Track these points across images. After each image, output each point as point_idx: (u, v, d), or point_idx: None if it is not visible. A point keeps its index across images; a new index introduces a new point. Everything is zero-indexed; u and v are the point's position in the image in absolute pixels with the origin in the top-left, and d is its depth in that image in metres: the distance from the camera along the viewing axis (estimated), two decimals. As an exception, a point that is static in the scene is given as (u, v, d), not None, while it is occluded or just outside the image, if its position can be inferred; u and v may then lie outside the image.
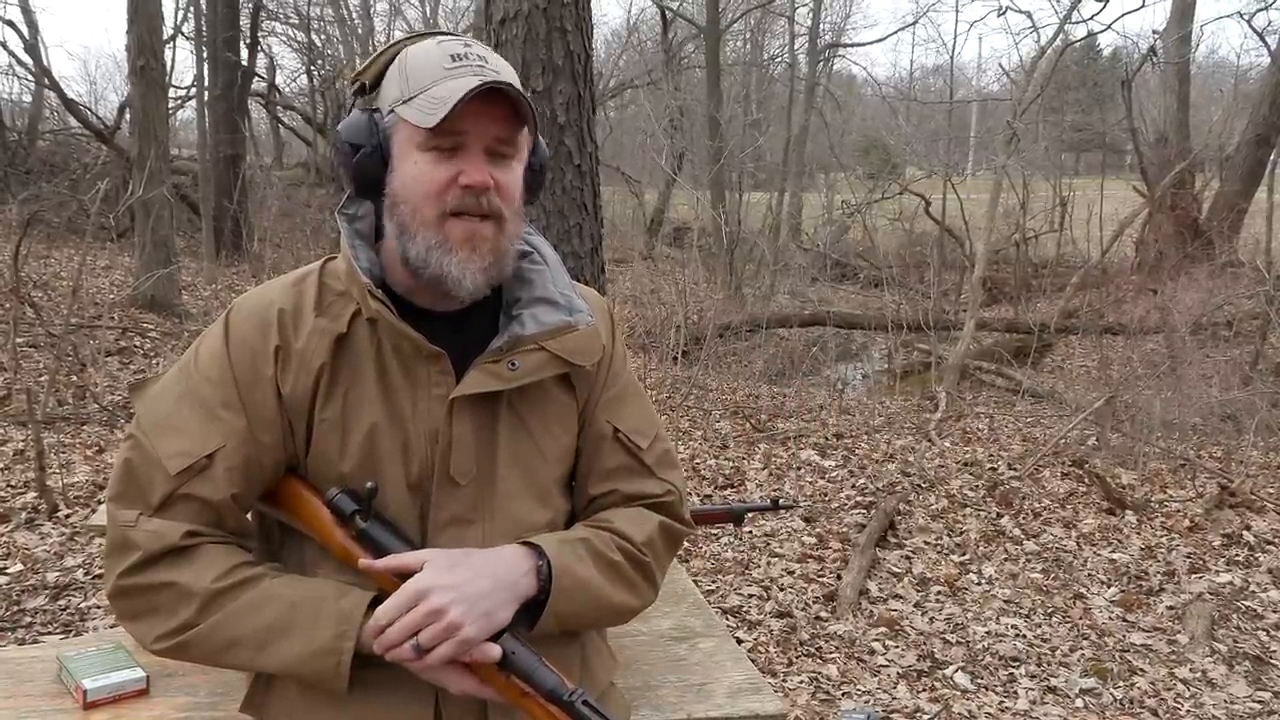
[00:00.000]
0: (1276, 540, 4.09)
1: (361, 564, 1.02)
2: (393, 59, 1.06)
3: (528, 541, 1.06)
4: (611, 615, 1.14)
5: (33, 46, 12.20)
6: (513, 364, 1.06)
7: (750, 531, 3.97)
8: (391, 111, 1.04)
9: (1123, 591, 3.58)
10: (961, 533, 4.11)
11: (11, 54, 12.77)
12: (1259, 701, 2.86)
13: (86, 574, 3.21)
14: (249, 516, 1.11)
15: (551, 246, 1.20)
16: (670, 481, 1.20)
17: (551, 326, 1.09)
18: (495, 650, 0.98)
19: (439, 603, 0.96)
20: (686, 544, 1.26)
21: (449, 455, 1.06)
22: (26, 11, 12.49)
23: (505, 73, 1.03)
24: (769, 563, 3.69)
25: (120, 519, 1.02)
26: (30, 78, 13.13)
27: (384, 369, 1.06)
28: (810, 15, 18.88)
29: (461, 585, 0.98)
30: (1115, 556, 3.90)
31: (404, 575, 1.00)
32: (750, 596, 3.40)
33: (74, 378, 5.60)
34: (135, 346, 6.77)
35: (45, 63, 12.47)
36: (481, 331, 1.09)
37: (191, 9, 12.56)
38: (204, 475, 1.02)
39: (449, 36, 1.06)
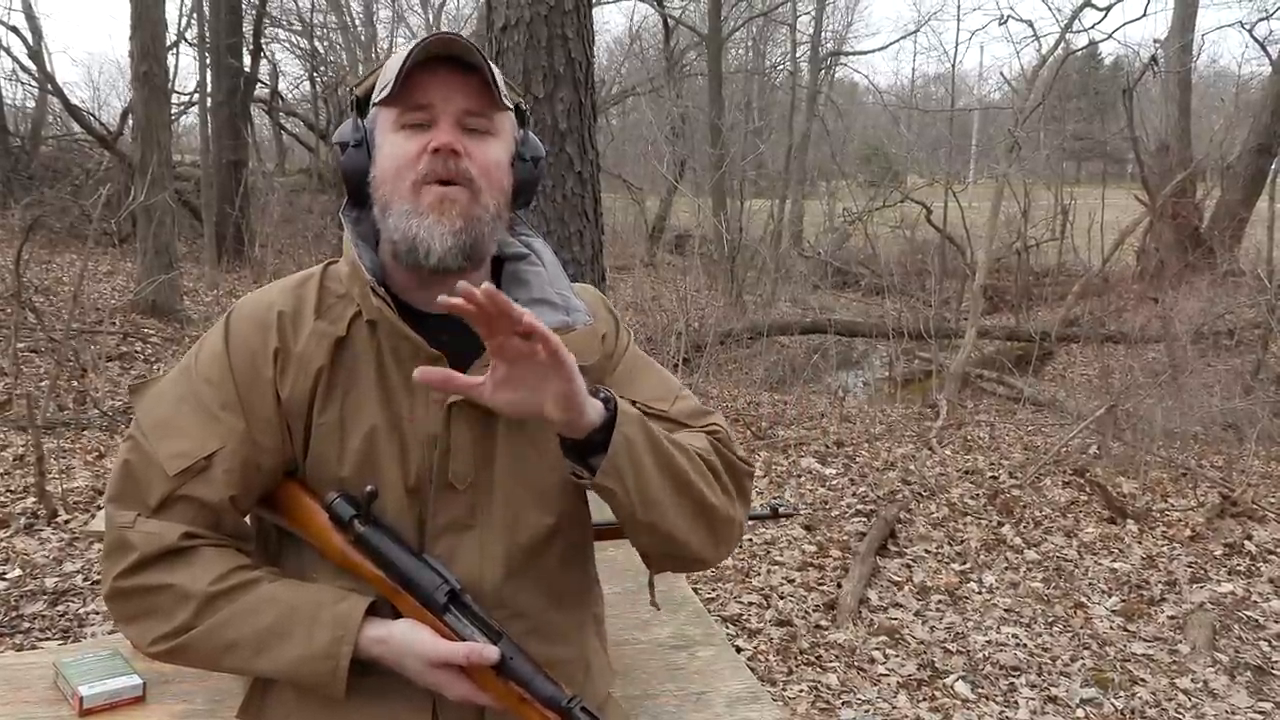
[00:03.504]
0: (1278, 550, 4.08)
1: (420, 372, 0.90)
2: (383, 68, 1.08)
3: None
4: (692, 499, 1.04)
5: (36, 52, 12.23)
6: (511, 366, 1.06)
7: (750, 539, 3.96)
8: (373, 105, 1.06)
9: (1124, 601, 3.57)
10: (962, 541, 4.10)
11: (15, 60, 12.82)
12: (1260, 712, 2.85)
13: (85, 579, 3.21)
14: (247, 520, 1.11)
15: (551, 249, 1.19)
16: (711, 423, 1.15)
17: (550, 327, 1.08)
18: (493, 652, 0.98)
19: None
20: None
21: (447, 460, 1.06)
22: (31, 18, 12.55)
23: (477, 54, 1.03)
24: (769, 571, 3.68)
25: (118, 520, 1.02)
26: (34, 83, 13.17)
27: (383, 372, 1.06)
28: (812, 23, 18.98)
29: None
30: (1116, 565, 3.89)
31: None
32: (750, 604, 3.39)
33: (75, 383, 5.60)
34: (136, 352, 6.77)
35: (49, 68, 12.51)
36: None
37: (195, 15, 12.61)
38: (202, 476, 1.01)
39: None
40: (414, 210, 1.02)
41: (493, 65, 1.05)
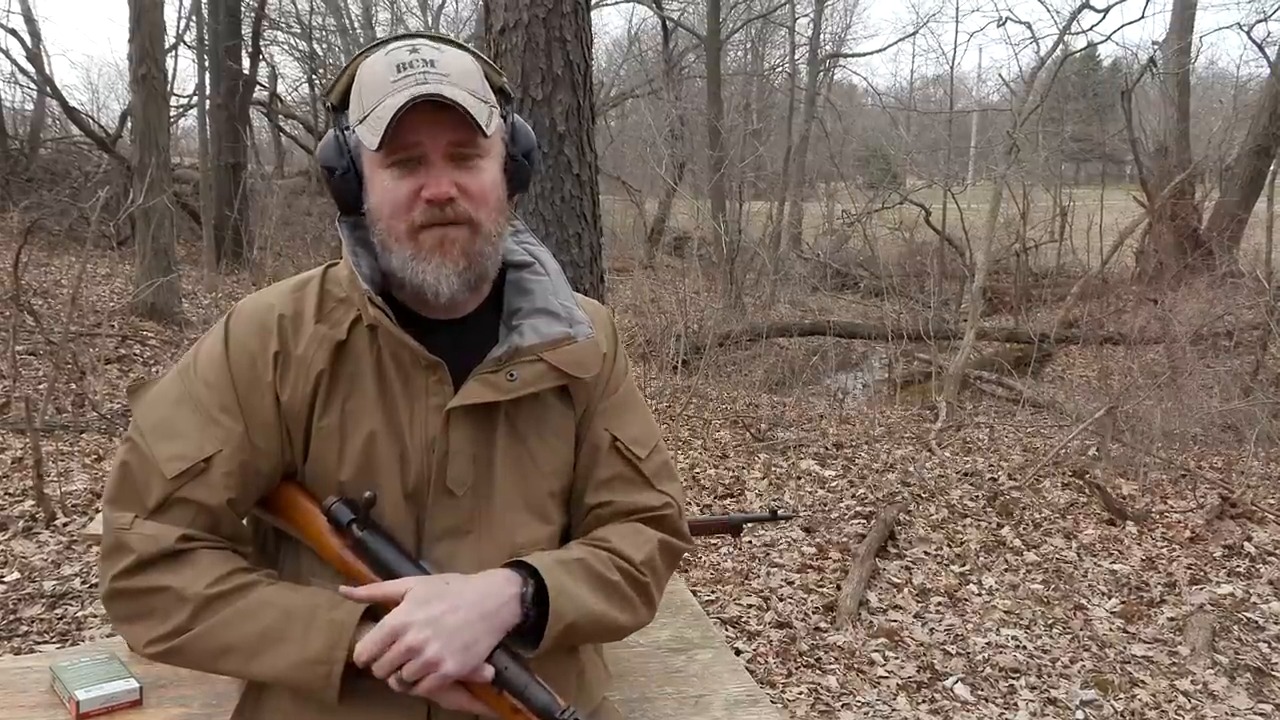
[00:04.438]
0: (1277, 551, 4.08)
1: (341, 590, 1.01)
2: (354, 76, 1.05)
3: (520, 561, 1.05)
4: (608, 634, 1.12)
5: (35, 55, 12.22)
6: (511, 375, 1.06)
7: (750, 541, 3.96)
8: (354, 130, 1.04)
9: (1123, 603, 3.57)
10: (961, 543, 4.10)
11: (14, 62, 12.81)
12: (1260, 714, 2.85)
13: (83, 583, 3.20)
14: (245, 523, 1.10)
15: (553, 257, 1.19)
16: (669, 494, 1.18)
17: (551, 338, 1.08)
18: (488, 670, 0.98)
19: (415, 640, 0.95)
20: (686, 555, 1.25)
21: (445, 466, 1.05)
22: (29, 20, 12.53)
23: (455, 74, 1.01)
24: (768, 573, 3.67)
25: (116, 521, 1.01)
26: (32, 86, 13.17)
27: (383, 377, 1.06)
28: (811, 25, 18.97)
29: (439, 619, 0.96)
30: (1116, 567, 3.89)
31: (388, 604, 1.00)
32: (749, 607, 3.38)
33: (73, 386, 5.59)
34: (135, 355, 6.77)
35: (47, 71, 12.50)
36: (481, 341, 1.09)
37: (194, 18, 12.61)
38: (200, 479, 1.01)
39: (399, 43, 1.04)
40: (416, 254, 1.03)
41: (472, 92, 1.01)
